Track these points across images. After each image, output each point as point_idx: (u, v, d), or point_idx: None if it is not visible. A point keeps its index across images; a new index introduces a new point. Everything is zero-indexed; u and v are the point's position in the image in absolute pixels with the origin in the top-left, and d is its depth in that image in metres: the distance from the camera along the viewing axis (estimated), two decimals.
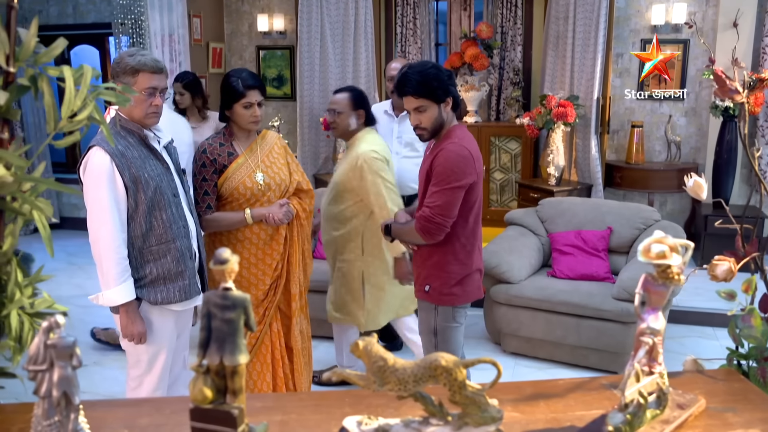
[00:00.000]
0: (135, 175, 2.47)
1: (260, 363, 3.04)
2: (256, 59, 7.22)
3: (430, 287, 2.75)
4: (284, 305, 3.08)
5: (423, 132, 2.62)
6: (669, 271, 1.27)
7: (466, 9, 6.95)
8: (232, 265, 1.21)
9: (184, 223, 2.64)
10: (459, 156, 2.56)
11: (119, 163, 2.45)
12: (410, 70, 2.58)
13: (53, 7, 7.56)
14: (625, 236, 4.52)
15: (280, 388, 3.04)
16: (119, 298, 2.48)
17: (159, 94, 2.52)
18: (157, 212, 2.53)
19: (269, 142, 3.02)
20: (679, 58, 6.00)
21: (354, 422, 1.33)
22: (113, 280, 2.47)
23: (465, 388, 1.25)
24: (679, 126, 6.16)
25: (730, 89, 1.64)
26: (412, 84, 2.55)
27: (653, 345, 1.32)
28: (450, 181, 2.55)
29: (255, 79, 2.92)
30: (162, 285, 2.57)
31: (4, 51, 1.43)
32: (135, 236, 2.53)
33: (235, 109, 2.89)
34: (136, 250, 2.54)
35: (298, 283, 3.06)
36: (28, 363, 1.24)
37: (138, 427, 1.40)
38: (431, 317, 2.80)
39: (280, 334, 3.07)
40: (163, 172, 2.57)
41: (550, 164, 5.86)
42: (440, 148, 2.60)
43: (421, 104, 2.55)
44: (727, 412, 1.44)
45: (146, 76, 2.46)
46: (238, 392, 1.24)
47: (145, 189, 2.49)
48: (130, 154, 2.49)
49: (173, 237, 2.57)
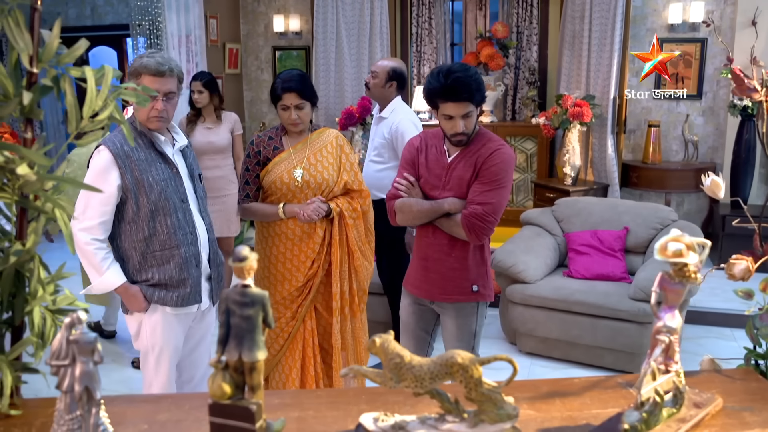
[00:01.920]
0: (138, 177, 2.46)
1: (291, 359, 3.04)
2: (272, 60, 7.25)
3: (478, 287, 2.69)
4: (322, 304, 3.05)
5: (463, 138, 2.56)
6: (686, 269, 1.27)
7: (482, 9, 6.94)
8: (251, 263, 1.22)
9: (192, 229, 2.59)
10: (512, 158, 2.62)
11: (122, 163, 2.45)
12: (461, 74, 2.46)
13: (72, 9, 7.65)
14: (642, 236, 4.50)
15: (309, 386, 3.02)
16: (111, 282, 2.50)
17: (163, 99, 2.46)
18: (161, 217, 2.50)
19: (323, 140, 3.03)
20: (697, 57, 5.97)
21: (371, 419, 1.34)
22: (99, 268, 2.48)
23: (481, 385, 1.26)
24: (696, 125, 6.12)
25: (748, 88, 1.63)
26: (470, 90, 2.46)
27: (669, 343, 1.32)
28: (504, 182, 2.58)
29: (296, 82, 2.88)
30: (163, 289, 2.56)
31: (27, 52, 1.46)
32: (137, 240, 2.51)
33: (277, 110, 2.96)
34: (139, 254, 2.52)
35: (341, 283, 3.02)
36: (51, 358, 1.26)
37: (157, 422, 1.42)
38: (473, 319, 2.74)
39: (314, 333, 3.05)
40: (170, 177, 2.54)
41: (566, 164, 5.84)
42: (494, 149, 2.58)
43: (471, 110, 2.52)
44: (744, 411, 1.43)
45: (146, 79, 2.43)
46: (256, 388, 1.26)
47: (148, 193, 2.47)
48: (136, 156, 2.48)
49: (177, 243, 2.54)
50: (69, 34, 7.81)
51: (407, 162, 2.73)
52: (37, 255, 1.50)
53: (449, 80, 2.45)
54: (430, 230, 2.67)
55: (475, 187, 2.57)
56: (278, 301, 2.99)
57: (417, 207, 2.63)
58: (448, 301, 2.71)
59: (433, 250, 2.68)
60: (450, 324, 2.76)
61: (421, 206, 2.63)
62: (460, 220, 2.57)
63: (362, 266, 3.08)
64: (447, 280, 2.68)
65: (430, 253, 2.69)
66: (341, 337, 3.07)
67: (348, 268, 3.04)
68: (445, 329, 2.80)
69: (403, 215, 2.67)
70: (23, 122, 1.49)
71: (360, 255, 3.06)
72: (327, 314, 3.05)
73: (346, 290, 3.05)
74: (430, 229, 2.67)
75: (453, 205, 2.59)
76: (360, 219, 3.06)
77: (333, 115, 6.60)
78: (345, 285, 3.04)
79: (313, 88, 2.97)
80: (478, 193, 2.56)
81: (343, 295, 3.04)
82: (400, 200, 2.67)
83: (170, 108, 2.52)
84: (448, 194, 2.62)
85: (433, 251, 2.68)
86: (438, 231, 2.65)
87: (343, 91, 6.66)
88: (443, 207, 2.60)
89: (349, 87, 6.66)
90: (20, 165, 1.35)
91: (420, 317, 2.83)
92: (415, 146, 2.74)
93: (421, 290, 2.75)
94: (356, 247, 3.04)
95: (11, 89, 1.45)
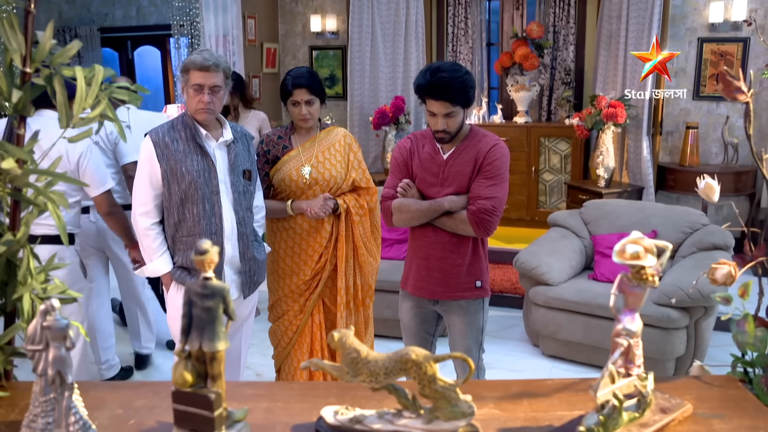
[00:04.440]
0: (173, 166, 2.62)
1: (300, 351, 3.11)
2: (309, 59, 7.35)
3: (481, 282, 2.71)
4: (329, 299, 3.12)
5: (446, 136, 2.58)
6: (643, 272, 1.26)
7: (519, 8, 6.88)
8: (211, 256, 1.27)
9: (219, 221, 2.69)
10: (508, 153, 2.66)
11: (160, 152, 2.63)
12: (446, 74, 2.48)
13: (118, 10, 7.89)
14: (671, 240, 4.36)
15: (317, 378, 3.09)
16: (160, 269, 2.71)
17: (208, 92, 2.59)
18: (189, 205, 2.65)
19: (332, 138, 3.08)
20: (738, 57, 5.79)
21: (331, 412, 1.37)
22: (152, 254, 2.71)
23: (435, 382, 1.27)
24: (737, 127, 5.94)
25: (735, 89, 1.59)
26: (452, 91, 2.48)
27: (629, 346, 1.31)
28: (506, 176, 2.62)
29: (306, 78, 2.93)
30: (186, 273, 2.71)
31: (20, 53, 1.54)
32: (169, 225, 2.70)
33: (287, 106, 3.01)
34: (170, 237, 2.72)
35: (347, 278, 3.07)
36: (27, 343, 1.33)
37: (132, 408, 1.48)
38: (480, 315, 2.76)
39: (322, 327, 3.12)
40: (204, 169, 2.65)
41: (599, 166, 5.75)
42: (493, 144, 2.61)
43: (454, 110, 2.53)
44: (714, 418, 1.41)
45: (193, 74, 2.57)
46: (216, 377, 1.30)
47: (179, 181, 2.62)
48: (174, 147, 2.64)
49: (200, 232, 2.66)
50: (115, 34, 8.09)
51: (399, 164, 2.73)
52: (27, 245, 1.58)
53: (434, 78, 2.47)
54: (430, 230, 2.66)
55: (479, 181, 2.58)
56: (286, 294, 3.07)
57: (416, 207, 2.63)
58: (453, 299, 2.71)
59: (435, 249, 2.67)
60: (458, 322, 2.76)
61: (420, 206, 2.63)
62: (467, 217, 2.57)
63: (367, 262, 3.12)
64: (451, 277, 2.68)
65: (433, 252, 2.68)
66: (356, 334, 3.11)
67: (353, 263, 3.10)
68: (453, 328, 2.80)
69: (401, 215, 2.67)
70: (17, 119, 1.57)
71: (365, 251, 3.11)
72: (334, 308, 3.12)
73: (351, 285, 3.11)
74: (431, 229, 2.66)
75: (453, 203, 2.60)
76: (366, 216, 3.10)
77: (367, 115, 6.65)
78: (351, 280, 3.10)
79: (322, 85, 3.01)
80: (484, 188, 2.57)
81: (348, 291, 3.10)
82: (398, 201, 2.67)
83: (216, 101, 2.63)
84: (447, 191, 2.62)
85: (436, 250, 2.67)
86: (439, 229, 2.65)
87: (378, 91, 6.70)
88: (443, 206, 2.60)
89: (384, 87, 6.69)
90: (6, 159, 1.43)
91: (422, 319, 2.83)
92: (406, 148, 2.74)
93: (424, 290, 2.74)
94: (361, 243, 3.09)
95: (5, 88, 1.53)
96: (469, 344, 2.78)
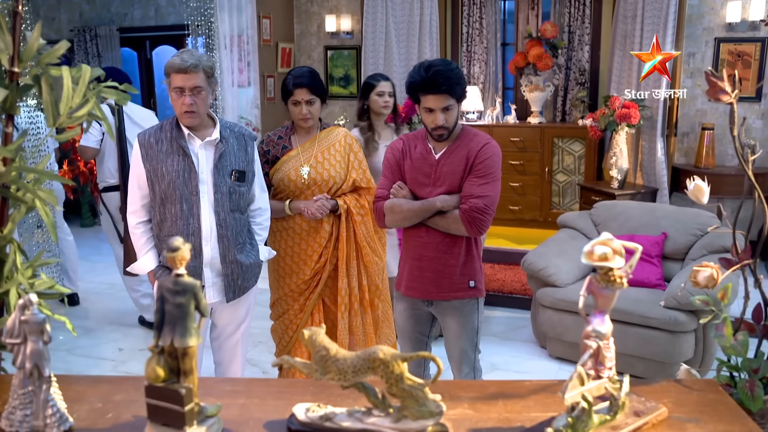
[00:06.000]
0: (155, 167, 2.65)
1: (300, 350, 3.12)
2: (324, 59, 7.38)
3: (475, 282, 2.70)
4: (330, 299, 3.14)
5: (444, 132, 2.58)
6: (611, 273, 1.25)
7: (534, 8, 6.84)
8: (182, 253, 1.28)
9: (197, 221, 2.65)
10: (500, 151, 2.67)
11: (144, 153, 2.68)
12: (441, 68, 2.50)
13: (137, 11, 7.99)
14: (681, 242, 4.34)
15: None
16: (145, 266, 2.77)
17: (190, 94, 2.56)
18: (169, 205, 2.67)
19: (332, 138, 3.09)
20: (756, 58, 5.70)
21: (303, 409, 1.38)
22: (138, 251, 2.78)
23: (402, 381, 1.28)
24: (754, 129, 5.85)
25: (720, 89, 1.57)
26: (449, 83, 2.49)
27: (598, 348, 1.30)
28: (498, 175, 2.61)
29: (307, 78, 2.94)
30: (165, 271, 2.75)
31: (8, 53, 1.57)
32: (154, 223, 2.75)
33: (288, 106, 3.02)
34: (155, 236, 2.78)
35: (348, 279, 3.08)
36: (5, 336, 1.37)
37: (112, 402, 1.50)
38: (474, 316, 2.75)
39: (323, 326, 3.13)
40: (184, 169, 2.63)
41: (613, 167, 5.70)
42: (484, 143, 2.62)
43: (451, 103, 2.54)
44: (689, 422, 1.39)
45: (174, 77, 2.56)
46: (188, 373, 1.32)
47: (159, 181, 2.65)
48: (158, 148, 2.66)
49: (178, 231, 2.65)
50: (134, 34, 8.19)
51: (391, 165, 2.73)
52: (14, 241, 1.61)
53: (430, 73, 2.49)
54: (423, 230, 2.65)
55: (471, 180, 2.58)
56: (286, 293, 3.09)
57: (407, 207, 2.62)
58: (446, 299, 2.70)
59: (428, 250, 2.66)
60: (453, 323, 2.75)
61: (412, 206, 2.62)
62: (460, 215, 2.56)
63: (372, 261, 3.12)
64: (444, 277, 2.67)
65: (425, 253, 2.67)
66: (351, 333, 3.12)
67: (357, 264, 3.09)
68: (448, 329, 2.78)
69: (394, 216, 2.66)
70: (4, 118, 1.60)
71: (369, 251, 3.11)
72: (335, 309, 3.12)
73: (355, 286, 3.09)
74: (423, 229, 2.65)
75: (445, 202, 2.59)
76: (368, 215, 3.10)
77: None
78: (354, 281, 3.09)
79: (323, 85, 3.02)
80: (476, 186, 2.56)
81: (351, 291, 3.09)
82: (390, 201, 2.67)
83: (199, 101, 2.58)
84: (439, 191, 2.62)
85: (429, 250, 2.66)
86: (431, 229, 2.64)
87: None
88: (435, 205, 2.59)
89: (397, 87, 6.66)
90: None
91: (416, 320, 2.82)
92: (398, 149, 2.73)
93: (417, 291, 2.73)
94: (365, 243, 3.08)
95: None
96: (464, 345, 2.77)
